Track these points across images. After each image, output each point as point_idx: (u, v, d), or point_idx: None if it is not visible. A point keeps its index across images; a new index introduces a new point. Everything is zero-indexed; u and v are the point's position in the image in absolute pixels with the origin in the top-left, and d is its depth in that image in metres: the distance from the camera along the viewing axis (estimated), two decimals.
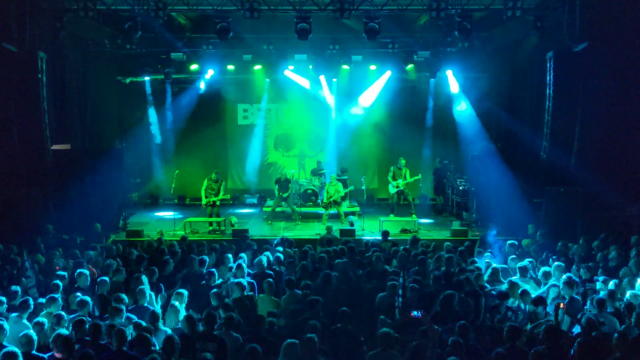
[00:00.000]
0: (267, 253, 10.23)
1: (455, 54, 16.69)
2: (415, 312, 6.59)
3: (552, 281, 8.27)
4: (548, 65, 13.00)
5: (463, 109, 17.68)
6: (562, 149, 13.20)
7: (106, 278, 8.32)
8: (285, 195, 15.42)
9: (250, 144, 19.49)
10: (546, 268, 8.85)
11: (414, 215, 15.01)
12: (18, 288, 7.85)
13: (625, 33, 12.02)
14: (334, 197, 14.79)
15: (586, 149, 12.91)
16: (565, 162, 13.09)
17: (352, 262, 9.49)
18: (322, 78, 18.30)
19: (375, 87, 18.43)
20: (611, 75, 12.34)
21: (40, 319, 6.73)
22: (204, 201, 14.69)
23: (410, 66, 16.98)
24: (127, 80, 18.22)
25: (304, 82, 18.38)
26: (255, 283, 8.66)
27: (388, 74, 17.90)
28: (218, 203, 14.78)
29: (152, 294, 8.08)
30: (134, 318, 6.87)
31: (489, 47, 17.20)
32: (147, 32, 14.38)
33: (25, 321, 6.92)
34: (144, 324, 6.60)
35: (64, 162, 13.67)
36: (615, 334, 6.00)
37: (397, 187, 15.38)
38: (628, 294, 7.46)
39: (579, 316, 7.16)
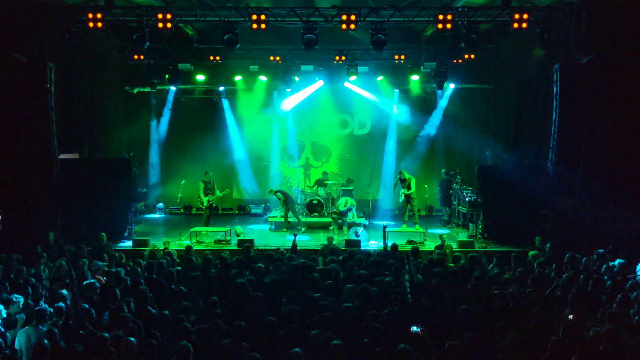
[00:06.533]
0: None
1: (462, 66, 16.73)
2: (414, 328, 6.49)
3: None
4: (555, 77, 12.97)
5: None
6: (569, 160, 13.17)
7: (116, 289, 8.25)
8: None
9: (256, 155, 19.58)
10: None
11: (417, 226, 14.94)
12: (21, 298, 7.81)
13: (630, 45, 12.02)
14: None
15: (593, 161, 12.86)
16: (572, 173, 13.04)
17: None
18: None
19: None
20: (617, 87, 12.32)
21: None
22: (205, 203, 14.65)
23: (416, 77, 17.00)
24: (135, 91, 18.32)
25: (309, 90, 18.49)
26: None
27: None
28: (215, 204, 15.00)
29: None
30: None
31: (495, 59, 17.23)
32: (155, 43, 14.48)
33: (44, 329, 6.87)
34: None
35: (71, 172, 13.71)
36: None
37: (405, 194, 15.28)
38: None
39: None
